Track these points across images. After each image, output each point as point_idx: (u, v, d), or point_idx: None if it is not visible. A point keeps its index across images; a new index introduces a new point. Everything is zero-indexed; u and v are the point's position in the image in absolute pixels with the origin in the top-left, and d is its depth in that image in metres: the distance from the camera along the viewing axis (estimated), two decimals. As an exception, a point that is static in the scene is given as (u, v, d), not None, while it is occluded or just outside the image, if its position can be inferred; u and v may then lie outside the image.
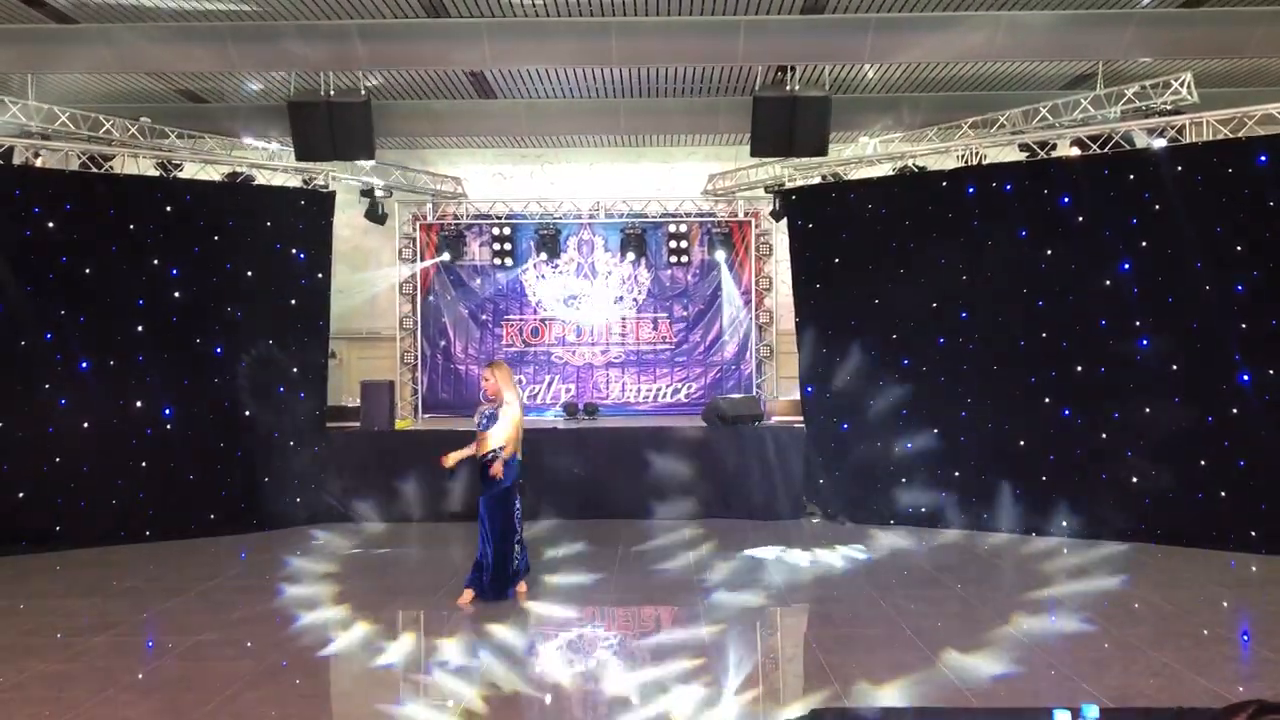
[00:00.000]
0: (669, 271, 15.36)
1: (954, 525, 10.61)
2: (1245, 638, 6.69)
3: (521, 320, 15.44)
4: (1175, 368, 9.74)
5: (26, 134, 10.98)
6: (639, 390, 15.34)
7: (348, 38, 10.43)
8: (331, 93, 11.28)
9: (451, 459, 7.73)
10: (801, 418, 11.98)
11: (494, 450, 7.54)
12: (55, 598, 7.94)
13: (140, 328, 10.53)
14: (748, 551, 9.53)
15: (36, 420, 9.97)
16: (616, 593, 8.07)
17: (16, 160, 10.41)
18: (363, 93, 11.37)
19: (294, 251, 11.49)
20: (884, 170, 12.05)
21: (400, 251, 15.39)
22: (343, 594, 8.29)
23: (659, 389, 15.35)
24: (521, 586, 7.89)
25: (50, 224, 10.18)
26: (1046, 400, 10.36)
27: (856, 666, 5.90)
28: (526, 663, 6.27)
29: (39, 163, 10.63)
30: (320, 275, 11.64)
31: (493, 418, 7.59)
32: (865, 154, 12.61)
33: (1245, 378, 9.40)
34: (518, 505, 7.78)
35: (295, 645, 6.60)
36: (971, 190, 10.92)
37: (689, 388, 15.30)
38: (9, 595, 8.02)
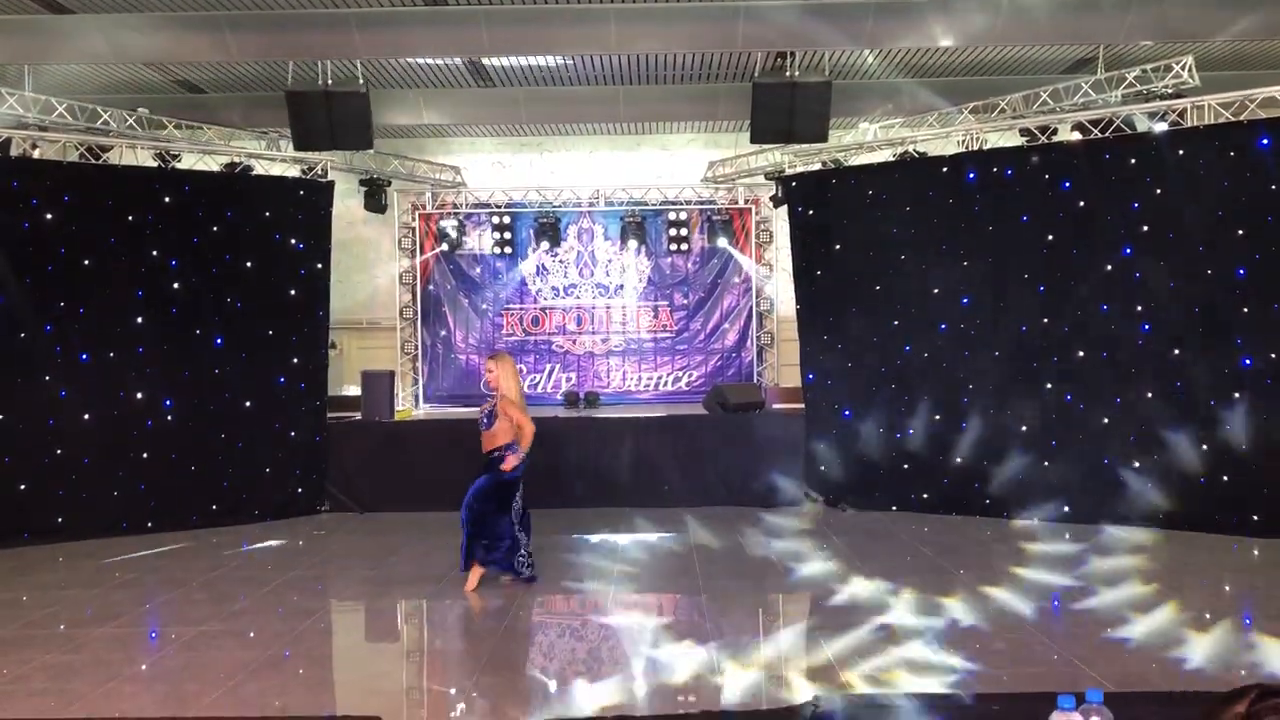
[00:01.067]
0: (669, 259, 15.33)
1: (956, 511, 10.60)
2: (1248, 622, 6.67)
3: (522, 309, 15.41)
4: (1177, 352, 9.73)
5: (24, 125, 10.94)
6: (640, 379, 15.33)
7: (345, 27, 10.39)
8: (330, 82, 11.24)
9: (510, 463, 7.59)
10: (802, 405, 11.97)
11: (501, 448, 7.54)
12: (57, 589, 7.94)
13: (140, 319, 10.51)
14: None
15: (37, 412, 9.96)
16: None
17: (14, 152, 10.37)
18: (361, 82, 11.33)
19: (293, 242, 11.45)
20: (884, 156, 12.01)
21: (400, 241, 15.37)
22: (350, 583, 8.31)
23: (660, 377, 15.33)
24: (506, 578, 7.80)
25: (48, 215, 10.15)
26: (1048, 385, 10.35)
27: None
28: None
29: (36, 154, 10.59)
30: (320, 265, 11.61)
31: (492, 415, 7.57)
32: (866, 140, 12.56)
33: (1247, 362, 9.39)
34: (518, 500, 7.75)
35: (298, 635, 6.59)
36: (972, 176, 10.88)
37: (690, 376, 15.28)
38: (11, 587, 8.03)
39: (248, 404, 10.96)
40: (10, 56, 10.89)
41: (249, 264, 11.11)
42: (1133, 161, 10.06)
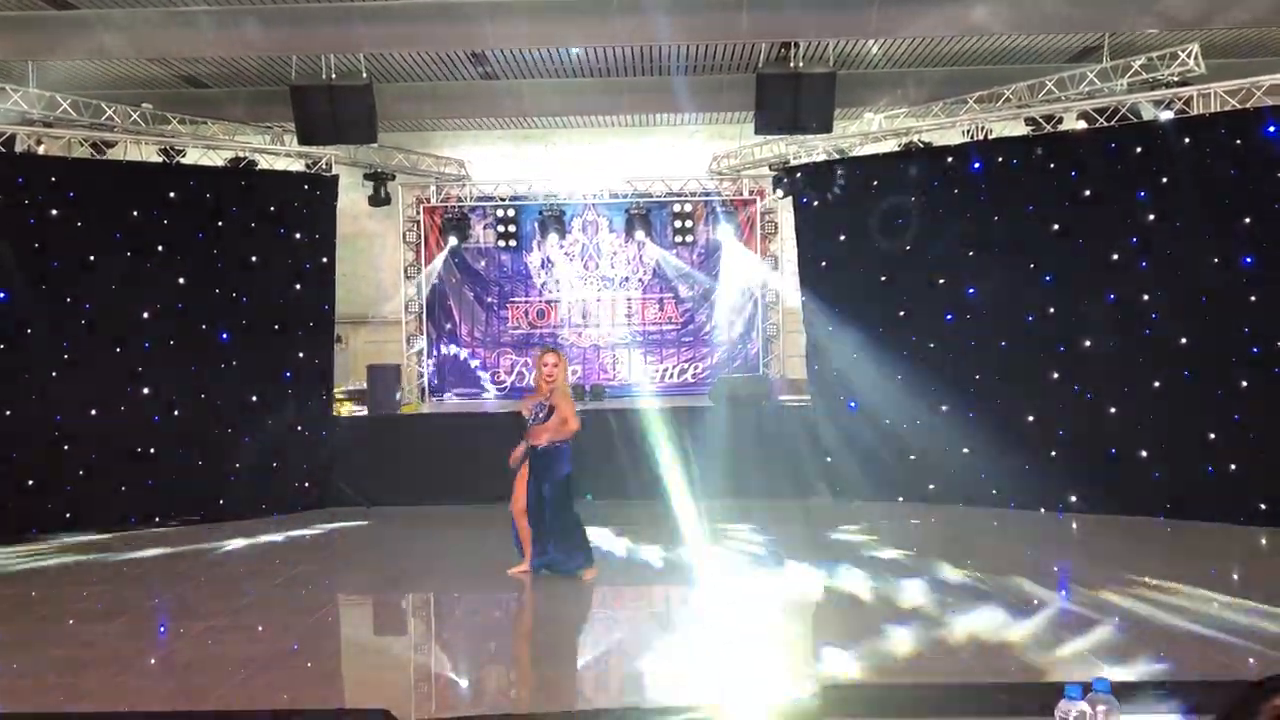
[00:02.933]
0: (674, 251, 15.30)
1: (963, 501, 10.60)
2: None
3: (527, 302, 15.41)
4: (1184, 341, 9.70)
5: (28, 121, 10.94)
6: (646, 371, 15.31)
7: (349, 20, 10.38)
8: (333, 76, 11.24)
9: (516, 458, 7.56)
10: (808, 396, 11.96)
11: (554, 443, 7.49)
12: (67, 585, 7.97)
13: (145, 314, 10.53)
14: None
15: (45, 408, 10.00)
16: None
17: (19, 148, 10.39)
18: (364, 76, 11.32)
19: (298, 236, 11.46)
20: (889, 146, 11.98)
21: (404, 235, 15.36)
22: (358, 577, 8.33)
23: (666, 369, 15.32)
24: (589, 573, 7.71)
25: (54, 212, 10.17)
26: (1055, 375, 10.33)
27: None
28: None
29: (41, 150, 10.60)
30: (325, 260, 11.61)
31: (547, 410, 7.44)
32: (870, 130, 12.52)
33: (1255, 350, 9.37)
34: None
35: (306, 629, 6.61)
36: (977, 165, 10.86)
37: (696, 367, 15.27)
38: (21, 583, 8.06)
39: (254, 399, 10.98)
40: (15, 53, 10.90)
41: (254, 259, 11.12)
42: (1139, 150, 10.03)
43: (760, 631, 6.44)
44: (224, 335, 10.90)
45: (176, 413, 10.61)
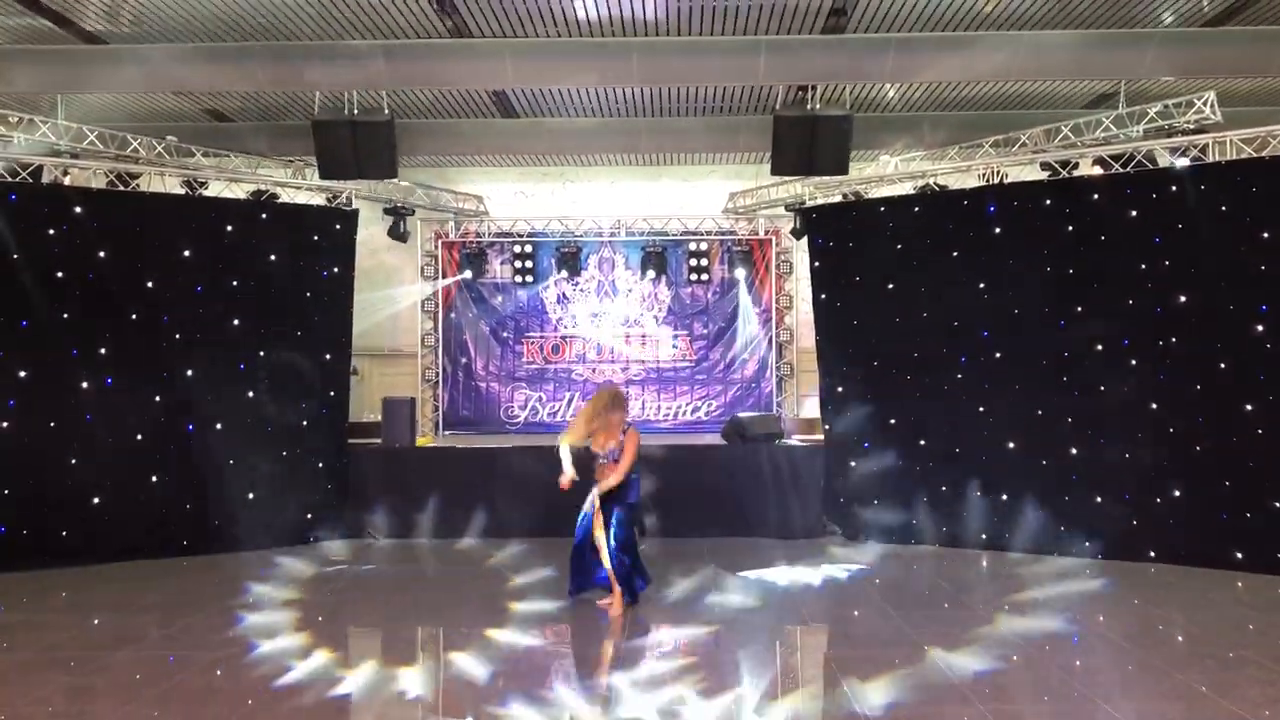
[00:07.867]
0: (689, 289, 15.38)
1: (976, 544, 10.55)
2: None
3: (542, 338, 15.48)
4: (1199, 387, 9.67)
5: (55, 153, 11.12)
6: (659, 408, 15.34)
7: (372, 58, 10.53)
8: (355, 112, 11.38)
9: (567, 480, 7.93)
10: (822, 436, 11.95)
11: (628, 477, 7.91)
12: (79, 612, 8.00)
13: (164, 344, 10.61)
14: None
15: (63, 435, 10.05)
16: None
17: (45, 179, 10.54)
18: (386, 112, 11.46)
19: (317, 269, 11.57)
20: (905, 189, 12.03)
21: (422, 269, 15.49)
22: (371, 609, 8.34)
23: (679, 407, 15.34)
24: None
25: (78, 241, 10.28)
26: (1069, 420, 10.30)
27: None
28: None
29: (67, 181, 10.75)
30: (343, 292, 11.73)
31: (619, 450, 7.89)
32: (886, 173, 12.60)
33: (1271, 397, 9.33)
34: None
35: (316, 659, 6.61)
36: (993, 209, 10.89)
37: (709, 405, 15.28)
38: (33, 609, 8.11)
39: (270, 429, 11.02)
40: (46, 86, 11.06)
41: (273, 290, 11.21)
42: (1154, 196, 10.05)
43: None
44: (241, 365, 10.97)
45: (192, 442, 10.66)
